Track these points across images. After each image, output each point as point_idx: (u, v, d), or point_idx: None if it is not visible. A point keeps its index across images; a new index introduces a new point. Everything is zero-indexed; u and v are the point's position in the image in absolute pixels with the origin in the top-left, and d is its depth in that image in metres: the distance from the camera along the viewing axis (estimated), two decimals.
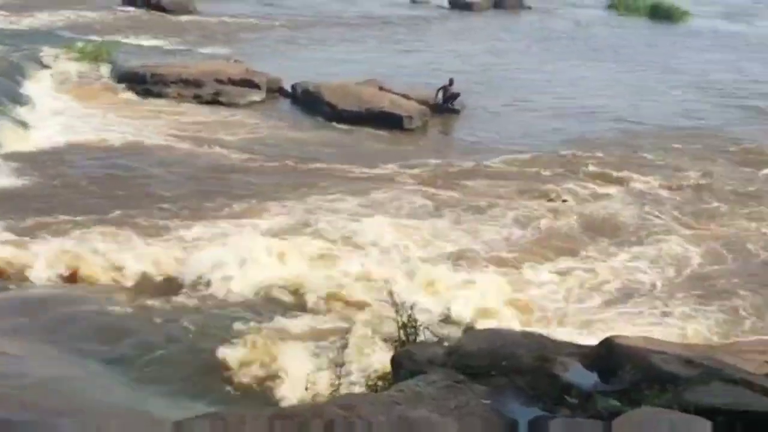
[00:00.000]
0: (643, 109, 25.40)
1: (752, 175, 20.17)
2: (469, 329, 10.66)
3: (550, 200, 17.63)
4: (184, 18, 34.60)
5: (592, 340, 8.75)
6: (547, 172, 19.24)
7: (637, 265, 15.04)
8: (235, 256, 13.39)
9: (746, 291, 14.28)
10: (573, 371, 6.97)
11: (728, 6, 49.05)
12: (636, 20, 42.59)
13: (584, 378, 6.88)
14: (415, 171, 18.74)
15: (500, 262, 14.60)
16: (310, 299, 12.68)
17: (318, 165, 18.71)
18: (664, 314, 13.37)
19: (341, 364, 9.59)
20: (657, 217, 17.34)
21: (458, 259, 14.53)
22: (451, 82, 23.45)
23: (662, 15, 43.05)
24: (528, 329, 10.30)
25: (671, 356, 7.21)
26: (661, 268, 14.94)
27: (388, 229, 15.40)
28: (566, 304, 13.48)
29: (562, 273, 14.47)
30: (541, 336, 8.28)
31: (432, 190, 17.71)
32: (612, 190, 18.53)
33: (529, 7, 43.45)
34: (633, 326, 12.64)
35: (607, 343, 7.56)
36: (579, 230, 16.39)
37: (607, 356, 7.31)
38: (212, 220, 15.14)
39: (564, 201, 17.74)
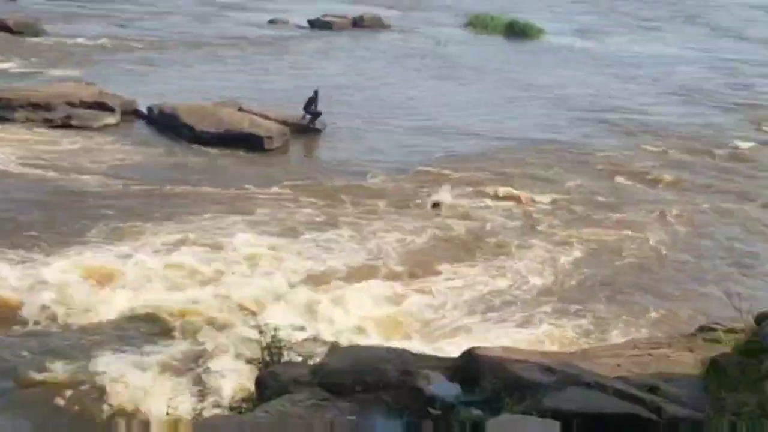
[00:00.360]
0: (505, 124, 26.01)
1: (610, 184, 21.01)
2: (333, 347, 10.60)
3: (425, 213, 17.83)
4: (32, 40, 33.31)
5: (456, 351, 8.81)
6: (414, 189, 19.48)
7: (503, 275, 15.44)
8: (91, 282, 13.00)
9: (605, 297, 14.78)
10: (436, 384, 7.00)
11: (581, 23, 50.90)
12: (493, 38, 43.63)
13: (447, 390, 6.91)
14: (281, 191, 18.67)
15: (367, 278, 14.66)
16: (171, 323, 12.39)
17: (179, 188, 18.34)
18: (527, 322, 13.70)
19: (204, 387, 9.36)
20: (524, 227, 17.85)
21: (325, 276, 14.50)
22: (316, 93, 23.43)
23: (518, 33, 44.27)
24: (393, 344, 10.29)
25: (530, 364, 7.31)
26: (525, 278, 15.35)
27: (256, 248, 15.32)
28: (432, 317, 13.61)
29: (429, 286, 14.64)
30: (405, 351, 8.29)
31: (299, 209, 17.68)
32: (481, 203, 18.96)
33: (389, 26, 43.90)
34: (496, 336, 12.88)
35: (469, 355, 7.64)
36: (449, 244, 16.70)
37: (469, 367, 7.38)
38: (70, 246, 14.67)
39: (437, 214, 17.96)
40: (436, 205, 18.66)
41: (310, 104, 23.32)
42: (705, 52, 43.95)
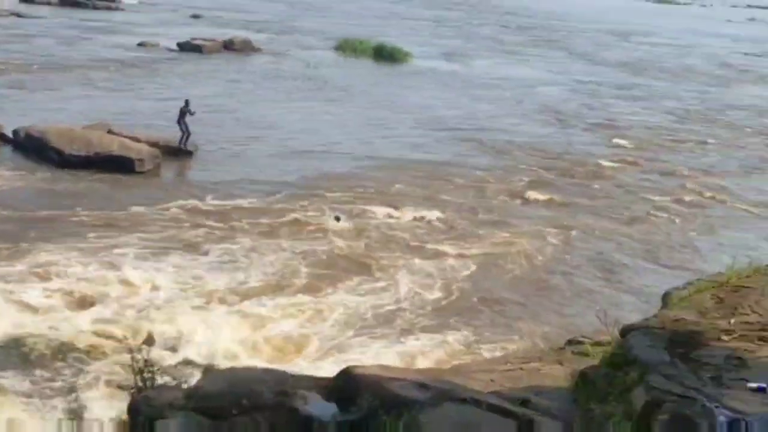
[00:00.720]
0: (377, 144, 26.30)
1: (487, 201, 21.55)
2: (208, 370, 10.47)
3: (304, 232, 17.88)
4: None
5: (335, 370, 8.85)
6: (291, 208, 19.47)
7: (386, 291, 15.62)
8: None
9: (483, 312, 15.17)
10: (312, 404, 6.99)
11: (447, 47, 52.11)
12: (362, 61, 44.11)
13: (323, 409, 6.92)
14: (155, 213, 18.34)
15: (246, 298, 14.57)
16: (40, 350, 11.98)
17: (51, 212, 17.75)
18: (407, 339, 13.85)
19: (74, 416, 9.09)
20: (406, 244, 18.08)
21: (202, 299, 14.31)
22: (187, 103, 23.17)
23: (386, 56, 44.90)
24: (269, 365, 10.25)
25: (407, 382, 7.41)
26: (407, 295, 15.54)
27: (130, 273, 14.98)
28: (312, 336, 13.60)
29: (310, 305, 14.65)
30: (281, 372, 8.28)
31: (174, 231, 17.43)
32: (363, 221, 19.11)
33: (260, 50, 43.82)
34: (376, 353, 13.00)
35: (345, 374, 7.67)
36: (332, 262, 16.75)
37: (346, 386, 7.41)
38: None
39: (337, 227, 18.20)
40: (337, 219, 18.95)
41: (183, 116, 23.01)
42: (565, 75, 45.67)
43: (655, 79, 47.11)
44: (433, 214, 20.03)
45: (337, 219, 18.98)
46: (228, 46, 43.33)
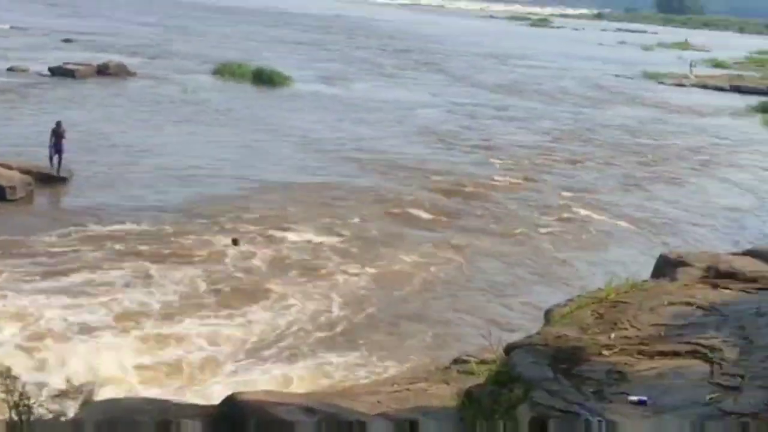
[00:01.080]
0: (261, 168, 26.10)
1: (378, 222, 21.71)
2: (86, 402, 10.12)
3: (191, 257, 17.63)
4: None
5: (221, 396, 8.69)
6: (178, 233, 19.17)
7: (275, 316, 15.49)
8: None
9: (376, 332, 15.31)
10: None
11: (326, 71, 52.24)
12: (241, 85, 43.74)
13: None
14: (34, 241, 17.72)
15: (134, 325, 14.28)
16: None
17: None
18: (294, 362, 13.77)
19: None
20: (300, 265, 18.06)
21: (85, 325, 13.92)
22: (58, 124, 22.52)
23: (266, 80, 44.66)
24: (151, 395, 9.99)
25: (293, 406, 7.34)
26: (296, 318, 15.49)
27: (12, 301, 14.47)
28: (200, 363, 13.38)
29: (196, 331, 14.41)
30: (164, 401, 8.08)
31: (55, 258, 16.92)
32: (252, 247, 18.87)
33: (135, 74, 42.99)
34: (266, 377, 12.90)
35: (230, 401, 7.56)
36: (220, 289, 16.50)
37: (231, 413, 7.29)
38: None
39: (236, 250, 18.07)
40: (235, 242, 18.70)
41: (58, 138, 22.28)
42: (443, 97, 46.42)
43: (531, 100, 48.36)
44: (323, 236, 20.02)
45: (234, 242, 18.74)
46: (102, 70, 42.29)
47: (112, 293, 15.52)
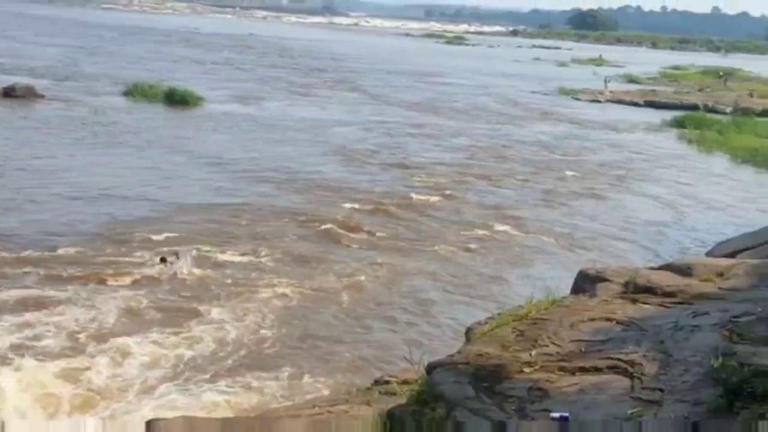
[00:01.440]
0: (177, 190, 25.67)
1: (303, 241, 21.55)
2: None
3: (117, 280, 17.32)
4: None
5: (137, 424, 8.40)
6: (96, 255, 18.77)
7: (200, 338, 15.16)
8: None
9: (299, 353, 15.14)
10: None
11: (239, 90, 51.91)
12: (154, 106, 43.06)
13: None
14: None
15: (48, 353, 13.76)
16: None
17: None
18: (215, 386, 13.51)
19: None
20: (223, 287, 17.72)
21: None
22: None
23: (178, 101, 44.08)
24: (66, 425, 9.66)
25: None
26: (221, 340, 15.18)
27: None
28: (117, 390, 13.06)
29: (114, 355, 14.04)
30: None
31: None
32: (177, 268, 18.46)
33: (43, 96, 41.98)
34: (182, 404, 12.62)
35: (146, 430, 7.29)
36: (143, 310, 16.13)
37: None
38: None
39: (168, 269, 17.95)
40: (163, 260, 18.40)
41: None
42: (359, 116, 46.48)
43: (448, 118, 48.72)
44: (249, 256, 19.78)
45: (163, 260, 18.44)
46: (9, 93, 41.13)
47: (26, 318, 15.00)
